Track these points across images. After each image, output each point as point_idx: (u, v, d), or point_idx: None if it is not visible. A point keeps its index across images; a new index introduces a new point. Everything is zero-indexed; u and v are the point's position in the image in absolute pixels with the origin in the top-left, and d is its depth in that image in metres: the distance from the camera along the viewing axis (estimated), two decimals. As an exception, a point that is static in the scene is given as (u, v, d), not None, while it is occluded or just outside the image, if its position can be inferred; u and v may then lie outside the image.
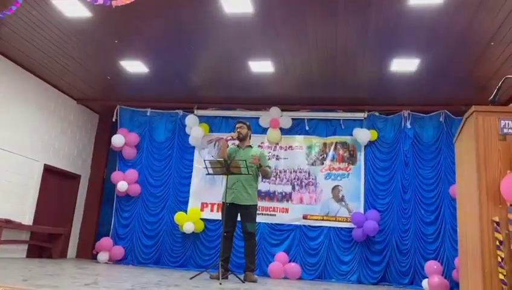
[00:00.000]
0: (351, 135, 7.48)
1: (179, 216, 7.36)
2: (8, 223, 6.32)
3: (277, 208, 7.44)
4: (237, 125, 5.30)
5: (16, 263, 5.23)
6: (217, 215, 7.30)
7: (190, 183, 7.80)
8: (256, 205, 5.18)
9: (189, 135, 7.86)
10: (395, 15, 4.86)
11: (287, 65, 6.29)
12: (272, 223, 7.38)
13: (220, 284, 4.15)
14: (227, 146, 5.25)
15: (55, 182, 7.78)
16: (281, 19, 5.10)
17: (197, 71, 6.79)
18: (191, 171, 7.86)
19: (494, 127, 2.32)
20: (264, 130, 7.75)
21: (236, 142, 5.40)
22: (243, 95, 7.56)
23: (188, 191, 7.76)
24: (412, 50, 5.62)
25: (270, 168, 5.35)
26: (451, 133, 7.10)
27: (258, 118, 7.76)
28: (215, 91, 7.52)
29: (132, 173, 7.83)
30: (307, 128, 7.69)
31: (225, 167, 4.73)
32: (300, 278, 6.87)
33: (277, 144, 7.73)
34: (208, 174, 4.93)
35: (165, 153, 8.05)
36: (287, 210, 7.40)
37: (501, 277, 2.12)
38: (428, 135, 7.30)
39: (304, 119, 7.73)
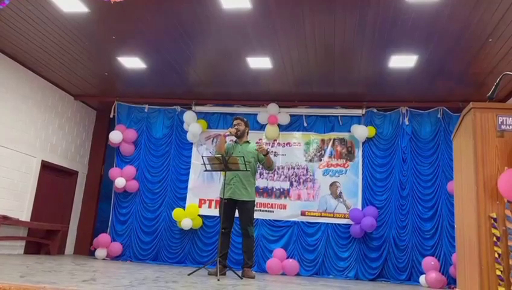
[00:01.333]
0: (349, 131, 7.48)
1: (176, 212, 7.36)
2: (5, 220, 6.31)
3: (275, 204, 7.44)
4: (234, 122, 5.27)
5: (13, 260, 5.23)
6: (215, 212, 7.32)
7: (188, 179, 7.79)
8: (254, 201, 5.16)
9: (187, 131, 7.84)
10: (393, 11, 4.85)
11: (285, 61, 6.27)
12: (269, 220, 7.39)
13: (218, 280, 4.15)
14: (225, 142, 5.24)
15: (52, 179, 7.77)
16: (279, 15, 5.09)
17: (195, 67, 6.76)
18: (189, 168, 7.85)
19: (492, 124, 2.32)
20: (262, 127, 7.74)
21: (234, 139, 5.38)
22: (241, 92, 7.55)
23: (186, 188, 7.76)
24: (410, 46, 5.61)
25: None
26: (449, 129, 7.12)
27: (256, 114, 7.75)
28: (213, 87, 7.50)
29: (130, 170, 7.82)
30: (305, 124, 7.69)
31: (223, 163, 4.71)
32: (298, 274, 6.89)
33: (275, 140, 7.73)
34: (206, 170, 4.91)
35: (163, 150, 8.04)
36: (284, 207, 7.41)
37: (498, 272, 2.13)
38: (426, 132, 7.31)
39: (302, 115, 7.72)
